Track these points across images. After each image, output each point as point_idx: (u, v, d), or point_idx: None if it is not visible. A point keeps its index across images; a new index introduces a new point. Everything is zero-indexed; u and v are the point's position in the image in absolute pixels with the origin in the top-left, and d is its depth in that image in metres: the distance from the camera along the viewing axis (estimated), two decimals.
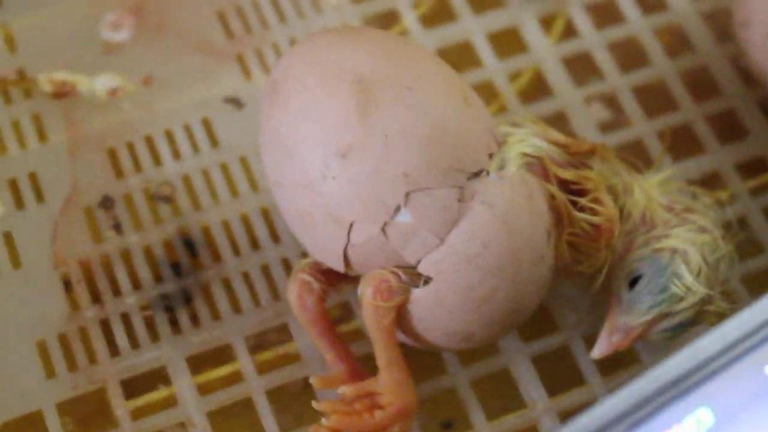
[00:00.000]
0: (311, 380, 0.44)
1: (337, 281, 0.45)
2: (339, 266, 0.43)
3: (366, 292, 0.42)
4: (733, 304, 0.45)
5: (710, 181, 0.52)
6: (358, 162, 0.41)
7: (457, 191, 0.41)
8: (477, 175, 0.42)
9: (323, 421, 0.43)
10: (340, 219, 0.41)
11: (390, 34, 0.45)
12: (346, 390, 0.43)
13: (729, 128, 0.54)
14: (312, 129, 0.41)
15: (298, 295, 0.44)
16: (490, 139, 0.43)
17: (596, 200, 0.44)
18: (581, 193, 0.44)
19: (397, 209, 0.41)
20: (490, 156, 0.42)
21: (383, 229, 0.41)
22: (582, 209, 0.44)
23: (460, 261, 0.41)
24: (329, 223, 0.42)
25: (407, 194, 0.41)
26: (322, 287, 0.44)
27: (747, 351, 0.38)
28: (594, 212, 0.44)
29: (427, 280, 0.42)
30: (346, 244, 0.42)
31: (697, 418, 0.37)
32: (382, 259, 0.42)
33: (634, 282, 0.45)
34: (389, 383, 0.43)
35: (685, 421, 0.37)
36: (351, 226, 0.41)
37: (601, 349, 0.45)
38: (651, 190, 0.46)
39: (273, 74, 0.43)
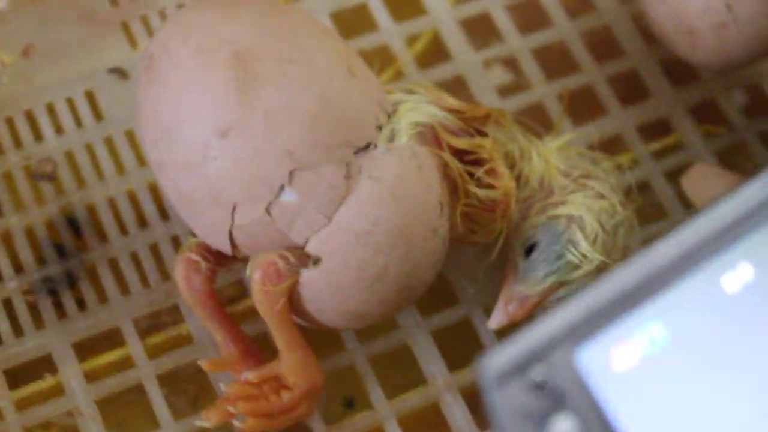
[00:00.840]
0: (200, 363, 0.43)
1: (226, 260, 0.43)
2: (226, 248, 0.41)
3: (254, 276, 0.40)
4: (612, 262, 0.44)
5: (612, 145, 0.51)
6: (240, 141, 0.39)
7: (344, 167, 0.40)
8: (364, 149, 0.40)
9: (231, 409, 0.41)
10: (223, 200, 0.40)
11: (270, 2, 0.43)
12: (250, 376, 0.42)
13: (631, 90, 0.53)
14: (190, 107, 0.39)
15: (184, 276, 0.42)
16: (378, 110, 0.41)
17: (492, 172, 0.43)
18: (477, 162, 0.43)
19: (282, 188, 0.39)
20: (379, 128, 0.41)
21: (268, 210, 0.40)
22: (478, 180, 0.43)
23: (349, 239, 0.40)
24: (213, 205, 0.40)
25: (291, 173, 0.39)
26: (210, 267, 0.43)
27: (702, 260, 0.34)
28: (490, 185, 0.43)
29: (317, 261, 0.40)
30: (231, 226, 0.40)
31: (649, 333, 0.34)
32: (269, 241, 0.40)
33: (529, 250, 0.44)
34: (292, 364, 0.42)
35: (636, 336, 0.33)
36: (234, 207, 0.40)
37: (497, 319, 0.44)
38: (549, 155, 0.45)
39: (149, 48, 0.41)
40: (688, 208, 0.50)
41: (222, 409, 0.41)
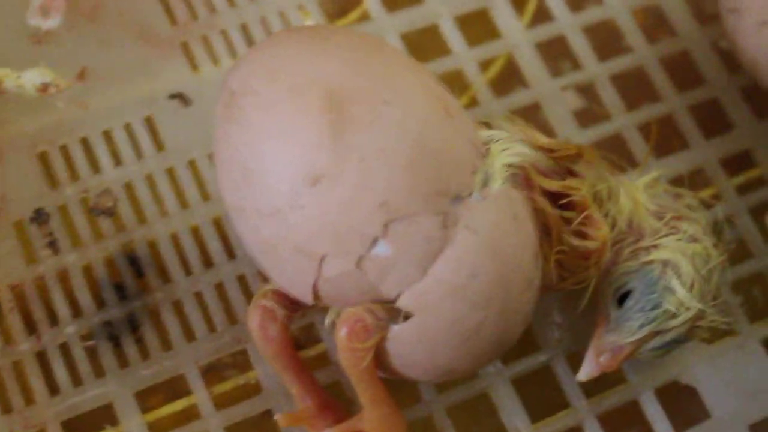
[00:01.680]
0: (276, 418, 0.40)
1: (302, 306, 0.41)
2: (307, 300, 0.38)
3: (341, 333, 0.38)
4: (726, 317, 0.42)
5: (694, 178, 0.49)
6: (331, 190, 0.36)
7: (441, 217, 0.37)
8: (461, 197, 0.38)
9: None
10: (309, 252, 0.37)
11: (360, 35, 0.40)
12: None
13: (712, 120, 0.50)
14: (278, 151, 0.37)
15: (260, 325, 0.40)
16: (474, 152, 0.39)
17: (588, 219, 0.40)
18: (568, 205, 0.41)
19: (375, 241, 0.37)
20: (474, 173, 0.38)
21: (359, 263, 0.37)
22: (570, 224, 0.40)
23: (445, 293, 0.37)
24: (297, 256, 0.37)
25: (386, 224, 0.37)
26: (286, 314, 0.40)
27: None
28: (582, 232, 0.40)
29: (407, 315, 0.38)
30: (317, 279, 0.37)
31: None
32: (357, 294, 0.38)
33: (623, 298, 0.42)
34: (376, 420, 0.39)
35: None
36: (322, 259, 0.37)
37: (587, 370, 0.42)
38: (637, 194, 0.43)
39: (229, 82, 0.38)
40: None
41: None
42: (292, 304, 0.40)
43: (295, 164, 0.36)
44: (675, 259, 0.41)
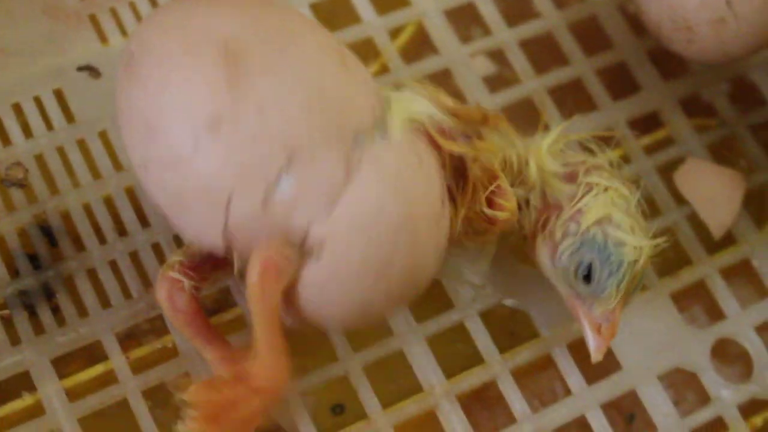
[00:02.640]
0: (188, 392, 0.39)
1: (211, 273, 0.41)
2: (218, 248, 0.39)
3: (252, 274, 0.38)
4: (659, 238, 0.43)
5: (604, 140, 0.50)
6: (232, 132, 0.37)
7: (343, 157, 0.38)
8: (363, 141, 0.38)
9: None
10: (216, 197, 0.37)
11: None
12: (223, 374, 0.40)
13: (620, 83, 0.51)
14: (177, 102, 0.37)
15: (168, 297, 0.40)
16: (375, 103, 0.39)
17: (498, 189, 0.41)
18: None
19: (278, 180, 0.37)
20: (375, 122, 0.39)
21: (264, 203, 0.37)
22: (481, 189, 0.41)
23: (352, 230, 0.38)
24: (204, 203, 0.38)
25: (288, 164, 0.37)
26: (194, 284, 0.40)
27: None
28: (495, 204, 0.41)
29: (318, 255, 0.38)
30: (225, 223, 0.38)
31: None
32: (266, 236, 0.38)
33: (587, 274, 0.42)
34: (268, 368, 0.39)
35: None
36: (229, 201, 0.37)
37: (596, 346, 0.42)
38: (544, 161, 0.43)
39: (129, 45, 0.39)
40: (681, 204, 0.49)
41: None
42: (199, 275, 0.41)
43: (194, 113, 0.37)
44: (605, 214, 0.42)
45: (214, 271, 0.41)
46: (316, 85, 0.38)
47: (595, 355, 0.42)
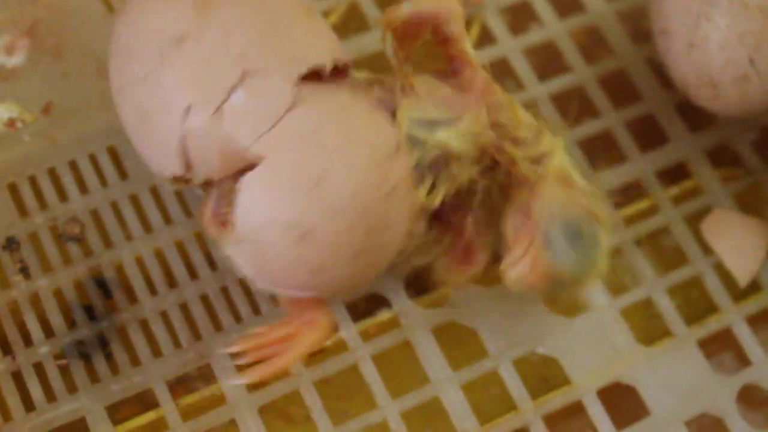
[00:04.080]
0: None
1: None
2: (177, 163, 0.42)
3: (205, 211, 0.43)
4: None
5: (632, 191, 0.52)
6: (195, 47, 0.41)
7: (294, 79, 0.41)
8: (314, 76, 0.42)
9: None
10: (176, 106, 0.41)
11: None
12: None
13: (648, 134, 0.53)
14: (151, 24, 0.42)
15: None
16: (337, 50, 0.43)
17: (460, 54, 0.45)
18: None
19: (232, 90, 0.41)
20: (331, 66, 0.42)
21: (217, 111, 0.41)
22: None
23: (290, 141, 0.41)
24: (166, 115, 0.41)
25: (242, 77, 0.41)
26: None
27: None
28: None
29: (256, 168, 0.41)
30: (183, 134, 0.41)
31: None
32: (218, 151, 0.41)
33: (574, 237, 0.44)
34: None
35: None
36: (187, 110, 0.41)
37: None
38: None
39: None
40: (708, 254, 0.51)
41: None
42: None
43: (163, 31, 0.42)
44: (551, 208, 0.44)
45: None
46: (279, 18, 0.42)
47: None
